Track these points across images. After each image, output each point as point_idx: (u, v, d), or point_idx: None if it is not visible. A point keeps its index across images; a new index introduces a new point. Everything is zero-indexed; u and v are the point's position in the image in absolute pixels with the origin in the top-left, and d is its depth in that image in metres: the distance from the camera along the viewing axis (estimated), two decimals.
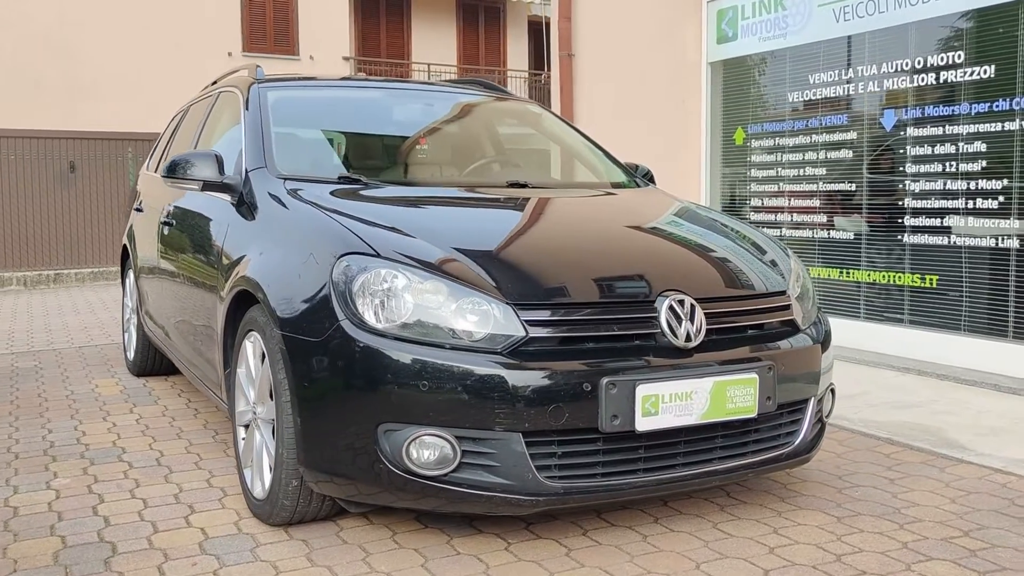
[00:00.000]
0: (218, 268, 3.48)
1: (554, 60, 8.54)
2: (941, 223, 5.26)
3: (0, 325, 8.23)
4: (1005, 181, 4.93)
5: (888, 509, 3.14)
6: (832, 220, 5.98)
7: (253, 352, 3.07)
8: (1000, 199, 4.95)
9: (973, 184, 5.08)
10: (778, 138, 6.35)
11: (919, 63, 5.36)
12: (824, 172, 6.00)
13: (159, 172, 3.69)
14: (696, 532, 2.93)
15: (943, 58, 5.21)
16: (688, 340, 2.71)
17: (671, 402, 2.62)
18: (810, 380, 2.99)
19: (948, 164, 5.20)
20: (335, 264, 2.71)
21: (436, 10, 22.10)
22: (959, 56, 5.13)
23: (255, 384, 3.06)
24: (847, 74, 5.82)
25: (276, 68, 17.77)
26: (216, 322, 3.43)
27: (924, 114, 5.34)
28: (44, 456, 3.84)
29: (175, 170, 3.59)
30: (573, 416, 2.54)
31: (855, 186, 5.80)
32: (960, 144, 5.14)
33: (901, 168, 5.49)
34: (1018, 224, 4.88)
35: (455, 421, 2.52)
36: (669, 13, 7.29)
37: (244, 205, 3.44)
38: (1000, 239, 4.96)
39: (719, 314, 2.83)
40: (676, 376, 2.64)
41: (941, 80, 5.23)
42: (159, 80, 16.40)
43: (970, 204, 5.10)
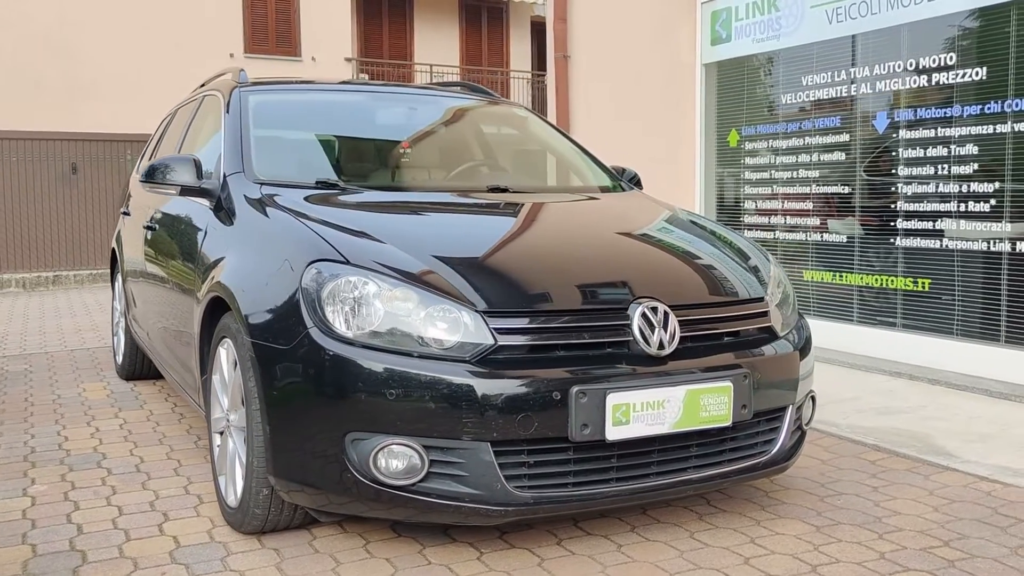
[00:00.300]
0: (196, 273, 3.45)
1: (550, 61, 8.51)
2: (933, 226, 5.21)
3: None
4: (997, 184, 4.88)
5: (869, 518, 3.10)
6: (825, 223, 5.94)
7: (227, 359, 3.05)
8: (992, 202, 4.90)
9: (965, 187, 5.03)
10: (771, 140, 6.31)
11: (911, 65, 5.31)
12: (817, 174, 5.96)
13: (138, 176, 3.67)
14: (672, 542, 2.89)
15: (935, 60, 5.17)
16: (661, 348, 2.68)
17: (643, 411, 2.59)
18: (788, 387, 2.95)
19: (941, 167, 5.16)
20: (305, 271, 2.69)
21: (439, 11, 22.08)
22: (951, 58, 5.09)
23: (228, 391, 3.04)
24: (840, 76, 5.78)
25: (278, 69, 17.83)
26: (194, 328, 3.41)
27: (917, 116, 5.29)
28: (24, 462, 3.82)
29: (153, 175, 3.57)
30: (542, 425, 2.51)
31: (848, 188, 5.76)
32: (952, 146, 5.09)
33: (894, 170, 5.44)
34: (1010, 228, 4.83)
35: (423, 430, 2.49)
36: (664, 14, 7.25)
37: (222, 210, 3.42)
38: (992, 243, 4.91)
39: (694, 321, 2.80)
40: (648, 384, 2.60)
41: (934, 82, 5.19)
42: (160, 81, 16.39)
43: (963, 207, 5.05)
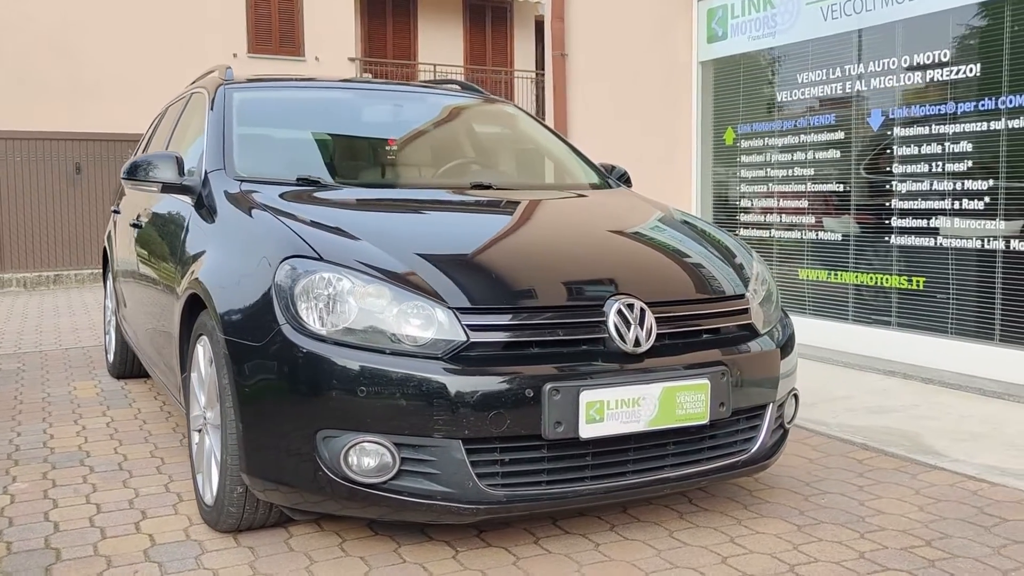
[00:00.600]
0: (177, 270, 3.44)
1: (547, 60, 8.48)
2: (928, 224, 5.17)
3: None
4: (991, 181, 4.84)
5: (852, 517, 3.07)
6: (821, 221, 5.89)
7: (204, 356, 3.03)
8: (986, 200, 4.86)
9: (960, 184, 4.99)
10: (767, 138, 6.27)
11: (905, 62, 5.27)
12: (812, 172, 5.92)
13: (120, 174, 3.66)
14: (651, 540, 2.86)
15: (930, 57, 5.13)
16: (637, 345, 2.65)
17: (617, 408, 2.56)
18: (768, 385, 2.92)
19: (937, 164, 5.12)
20: (279, 267, 2.67)
21: (443, 11, 22.07)
22: (946, 55, 5.05)
23: (205, 388, 3.02)
24: (835, 73, 5.74)
25: (281, 69, 17.83)
26: (174, 325, 3.39)
27: (912, 113, 5.25)
28: (7, 460, 3.81)
29: (135, 172, 3.56)
30: (515, 423, 2.49)
31: (843, 187, 5.72)
32: (946, 144, 5.05)
33: (890, 168, 5.40)
34: (1004, 225, 4.79)
35: (394, 428, 2.47)
36: (661, 12, 7.22)
37: (203, 207, 3.40)
38: (986, 240, 4.87)
39: (671, 318, 2.77)
40: (623, 382, 2.58)
41: (929, 79, 5.14)
42: (163, 81, 16.38)
43: (958, 205, 5.01)
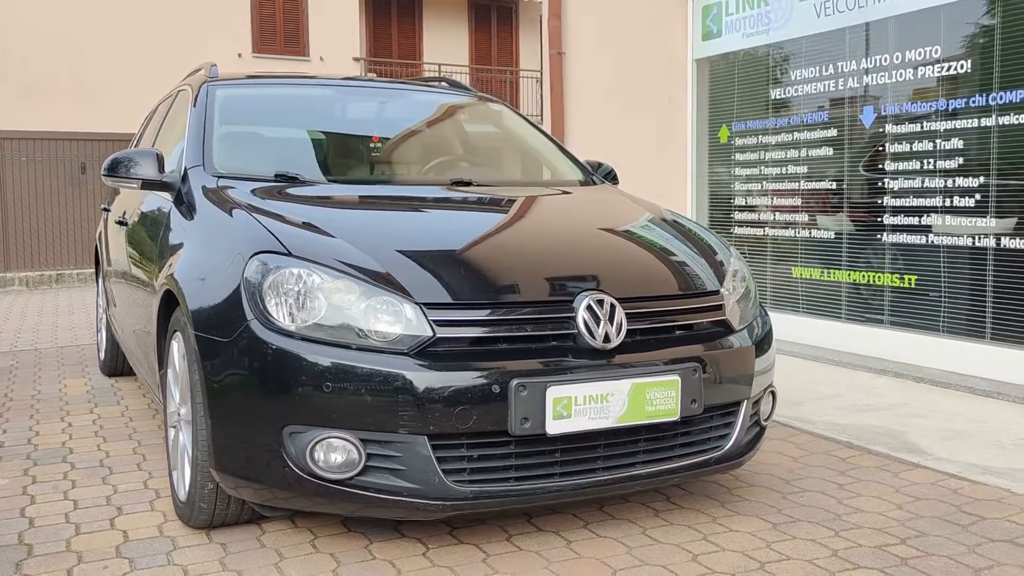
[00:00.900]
0: (156, 267, 3.44)
1: (545, 58, 8.47)
2: (920, 222, 5.14)
3: None
4: (983, 179, 4.81)
5: (829, 515, 3.05)
6: (814, 219, 5.87)
7: (179, 352, 3.03)
8: (977, 197, 4.83)
9: (954, 182, 4.95)
10: (761, 136, 6.24)
11: (897, 58, 5.24)
12: (806, 170, 5.90)
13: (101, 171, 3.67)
14: (623, 538, 2.85)
15: (922, 53, 5.10)
16: (607, 341, 2.64)
17: (585, 404, 2.55)
18: (743, 382, 2.90)
19: (931, 161, 5.09)
20: (248, 262, 2.66)
21: (448, 10, 22.07)
22: (938, 51, 5.01)
23: (180, 385, 3.02)
24: (828, 70, 5.71)
25: (285, 69, 17.87)
26: (152, 322, 3.39)
27: (904, 110, 5.22)
28: None
29: (116, 169, 3.55)
30: (481, 419, 2.48)
31: (836, 184, 5.69)
32: (938, 141, 5.02)
33: (883, 166, 5.37)
34: (995, 223, 4.76)
35: (359, 423, 2.47)
36: (657, 10, 7.20)
37: (183, 204, 3.40)
38: (977, 238, 4.83)
39: (643, 314, 2.75)
40: (591, 378, 2.56)
41: (922, 75, 5.11)
42: (169, 82, 16.34)
43: (950, 202, 4.97)
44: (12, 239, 15.84)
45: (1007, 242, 4.69)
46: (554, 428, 2.52)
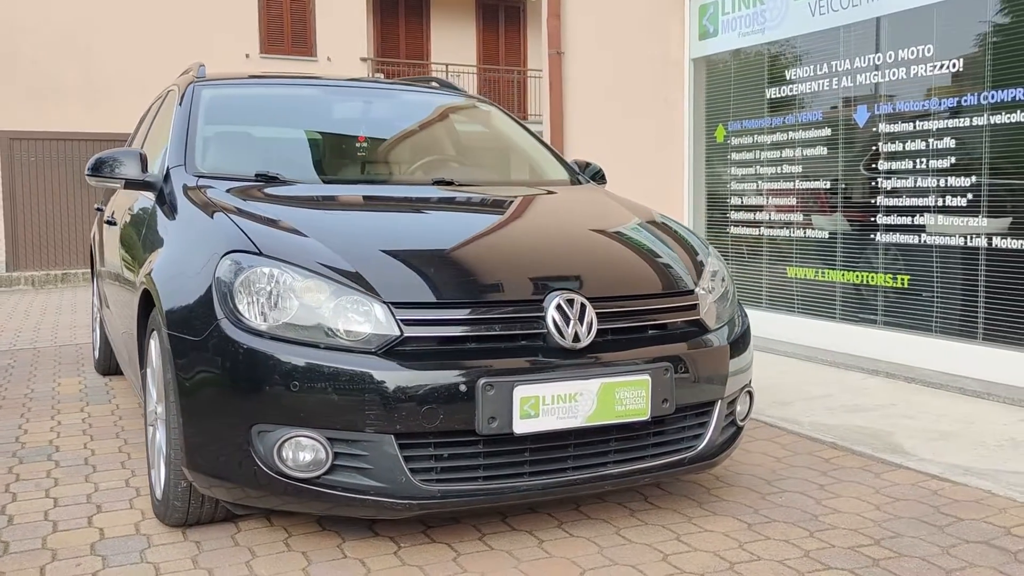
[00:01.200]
0: (137, 267, 3.46)
1: (544, 58, 8.46)
2: (912, 221, 5.11)
3: None
4: (975, 178, 4.78)
5: (806, 516, 3.04)
6: (809, 219, 5.85)
7: (156, 351, 3.04)
8: (969, 196, 4.80)
9: (946, 181, 4.93)
10: (756, 135, 6.23)
11: (890, 57, 5.22)
12: (800, 170, 5.88)
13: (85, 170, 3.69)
14: (596, 538, 2.85)
15: (914, 52, 5.07)
16: (576, 340, 2.63)
17: (553, 404, 2.55)
18: (716, 382, 2.89)
19: (926, 161, 5.06)
20: (220, 262, 2.68)
21: (456, 10, 22.09)
22: (931, 50, 4.99)
23: (156, 384, 3.03)
24: (822, 69, 5.69)
25: (293, 69, 17.93)
26: (133, 321, 3.41)
27: (897, 109, 5.20)
28: None
29: (100, 168, 3.57)
30: (448, 418, 2.48)
31: (831, 184, 5.67)
32: (931, 140, 4.99)
33: (878, 165, 5.35)
34: (987, 222, 4.73)
35: (326, 422, 2.47)
36: (655, 9, 7.19)
37: (165, 204, 3.42)
38: (969, 238, 4.81)
39: (614, 314, 2.75)
40: (559, 377, 2.56)
41: (915, 74, 5.08)
42: None
43: (944, 202, 4.95)
44: (21, 239, 15.96)
45: (998, 242, 4.66)
46: (521, 427, 2.52)
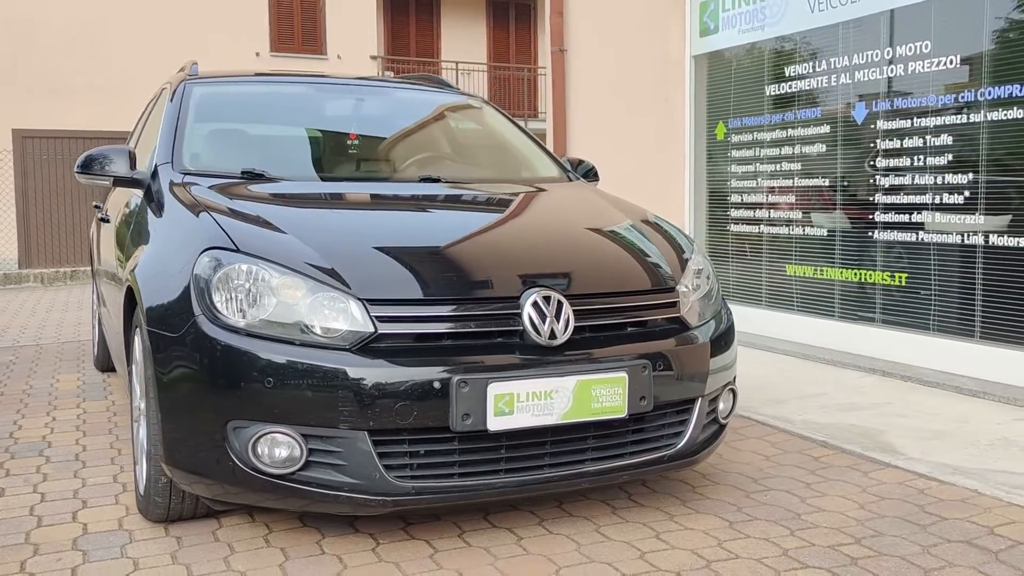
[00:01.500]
0: (123, 264, 3.48)
1: (547, 55, 8.46)
2: (911, 219, 5.08)
3: (0, 321, 8.40)
4: (972, 175, 4.74)
5: (789, 514, 3.02)
6: (809, 216, 5.82)
7: (139, 348, 3.06)
8: (967, 193, 4.76)
9: (943, 178, 4.89)
10: (756, 132, 6.20)
11: (888, 53, 5.18)
12: (800, 167, 5.84)
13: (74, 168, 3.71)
14: (575, 535, 2.84)
15: (913, 48, 5.03)
16: (553, 337, 2.63)
17: (528, 401, 2.54)
18: (696, 380, 2.88)
19: (924, 158, 5.03)
20: (198, 259, 2.68)
21: (466, 8, 22.08)
22: (929, 46, 4.95)
23: (139, 380, 3.05)
24: (821, 66, 5.66)
25: (303, 67, 17.97)
26: (120, 318, 3.43)
27: (896, 106, 5.16)
28: None
29: (90, 166, 3.58)
30: (422, 415, 2.48)
31: (830, 181, 5.64)
32: (929, 137, 4.96)
33: (877, 163, 5.31)
34: (983, 220, 4.69)
35: (300, 418, 2.48)
36: (656, 6, 7.17)
37: (153, 201, 3.43)
38: (966, 235, 4.77)
39: (592, 311, 2.74)
40: (535, 375, 2.56)
41: (914, 70, 5.05)
42: None
43: (943, 199, 4.91)
44: (33, 236, 16.08)
45: (996, 239, 4.62)
46: (496, 424, 2.52)
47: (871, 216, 5.32)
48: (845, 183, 5.53)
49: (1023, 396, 4.33)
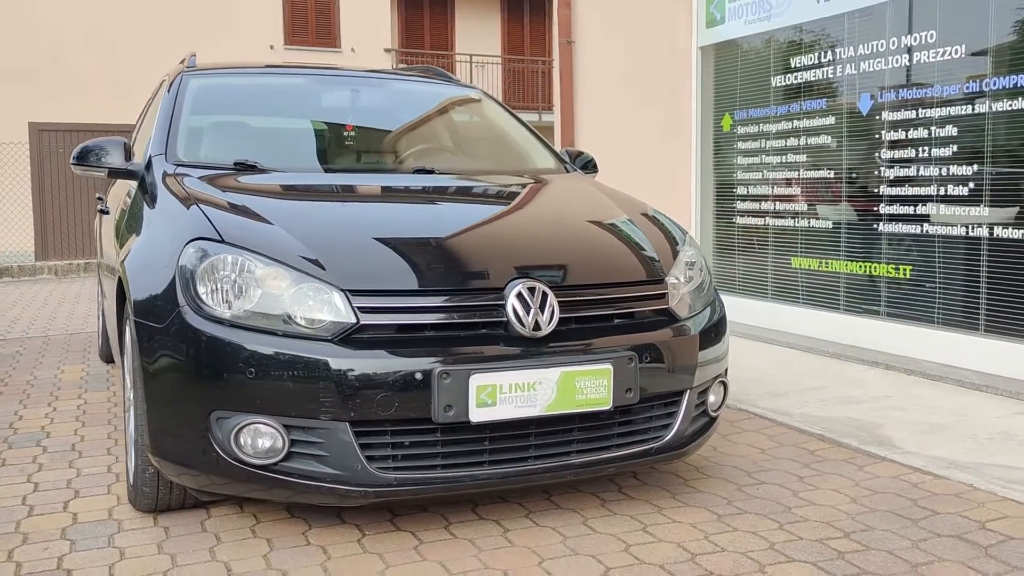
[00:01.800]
0: (118, 255, 3.48)
1: (555, 47, 8.43)
2: (915, 211, 5.02)
3: (11, 312, 8.47)
4: (977, 166, 4.69)
5: (779, 508, 3.00)
6: (815, 208, 5.77)
7: (128, 338, 3.06)
8: (971, 185, 4.71)
9: (949, 170, 4.84)
10: (762, 124, 6.15)
11: (893, 44, 5.13)
12: (805, 159, 5.80)
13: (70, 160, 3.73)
14: (561, 527, 2.83)
15: (918, 38, 4.98)
16: (537, 329, 2.62)
17: (511, 393, 2.53)
18: (685, 372, 2.86)
19: (929, 149, 4.97)
20: (183, 249, 2.69)
21: (481, 1, 22.03)
22: (932, 36, 4.89)
23: (129, 371, 3.06)
24: (827, 57, 5.60)
25: (317, 60, 18.01)
26: (114, 309, 3.44)
27: (901, 97, 5.10)
28: None
29: (86, 157, 3.59)
30: (404, 406, 2.48)
31: (836, 173, 5.59)
32: (934, 128, 4.90)
33: (882, 154, 5.26)
34: (988, 212, 4.64)
35: (282, 409, 2.48)
36: None
37: (146, 193, 3.44)
38: (971, 227, 4.72)
39: (578, 302, 2.73)
40: (517, 366, 2.55)
41: (920, 61, 4.99)
42: None
43: (949, 191, 4.86)
44: (49, 229, 16.20)
45: (1001, 232, 4.56)
46: (478, 416, 2.51)
47: (876, 208, 5.27)
48: (850, 175, 5.48)
49: None
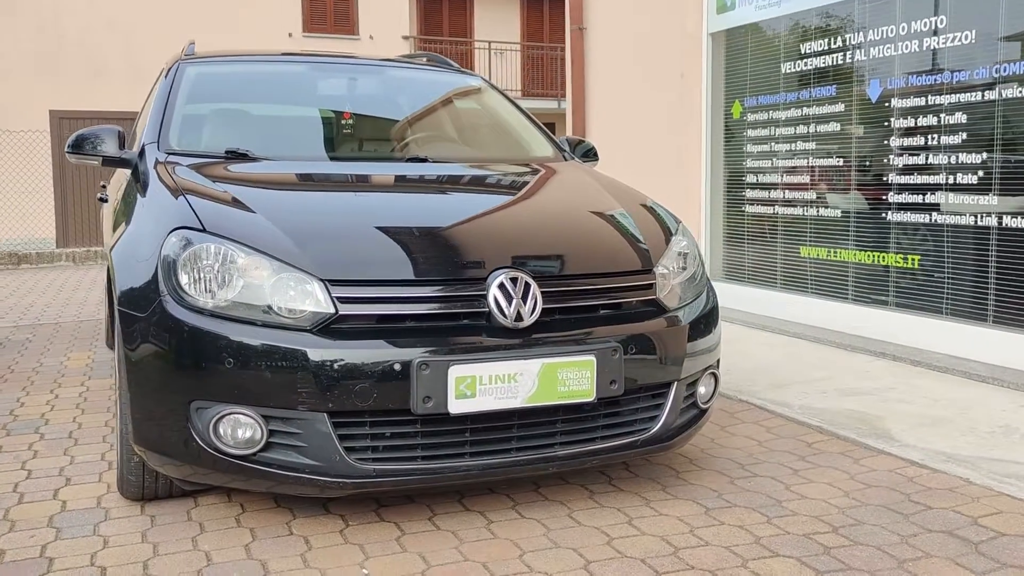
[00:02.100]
0: (110, 243, 3.49)
1: (567, 34, 8.36)
2: (924, 199, 4.94)
3: (25, 299, 8.54)
4: (986, 154, 4.60)
5: (769, 501, 2.96)
6: (823, 197, 5.69)
7: (116, 327, 3.07)
8: (981, 173, 4.62)
9: (958, 158, 4.75)
10: (771, 111, 6.07)
11: (903, 29, 5.04)
12: (815, 146, 5.72)
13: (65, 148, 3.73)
14: (546, 519, 2.81)
15: (928, 24, 4.89)
16: (519, 320, 2.59)
17: (491, 384, 2.51)
18: (672, 363, 2.82)
19: (938, 137, 4.89)
20: (166, 238, 2.68)
21: None
22: (942, 21, 4.80)
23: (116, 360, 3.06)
24: (836, 42, 5.52)
25: (335, 48, 17.99)
26: (104, 299, 3.45)
27: (911, 83, 5.02)
28: None
29: (81, 146, 3.59)
30: (383, 397, 2.46)
31: (842, 161, 5.51)
32: (943, 115, 4.81)
33: (891, 142, 5.18)
34: (998, 201, 4.55)
35: (261, 399, 2.47)
36: None
37: (139, 181, 3.44)
38: (981, 216, 4.64)
39: (562, 293, 2.70)
40: (498, 357, 2.52)
41: (929, 47, 4.90)
42: None
43: (958, 179, 4.77)
44: (69, 216, 16.34)
45: (1010, 221, 4.48)
46: (457, 408, 2.49)
47: (885, 196, 5.19)
48: (859, 162, 5.40)
49: None
